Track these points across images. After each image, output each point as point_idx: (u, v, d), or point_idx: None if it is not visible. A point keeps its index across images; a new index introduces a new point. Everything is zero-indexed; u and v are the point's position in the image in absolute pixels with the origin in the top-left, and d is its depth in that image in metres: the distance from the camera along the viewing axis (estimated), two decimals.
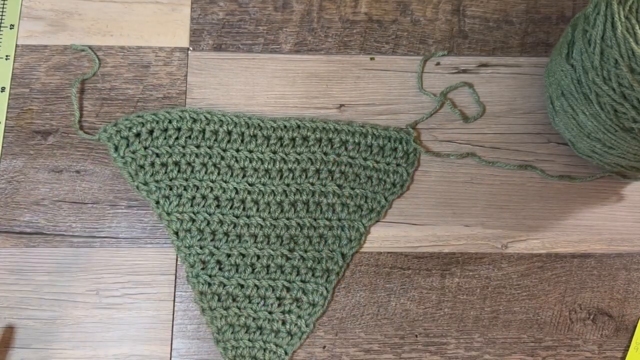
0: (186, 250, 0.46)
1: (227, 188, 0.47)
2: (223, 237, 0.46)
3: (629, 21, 0.40)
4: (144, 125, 0.47)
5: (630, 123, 0.41)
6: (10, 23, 0.51)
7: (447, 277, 0.48)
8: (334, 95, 0.50)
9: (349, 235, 0.47)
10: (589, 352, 0.47)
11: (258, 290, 0.46)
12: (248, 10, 0.52)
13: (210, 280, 0.46)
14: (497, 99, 0.51)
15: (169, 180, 0.47)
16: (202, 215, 0.46)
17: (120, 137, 0.47)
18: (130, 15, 0.51)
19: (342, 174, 0.48)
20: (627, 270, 0.48)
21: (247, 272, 0.46)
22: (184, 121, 0.47)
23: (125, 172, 0.47)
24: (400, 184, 0.48)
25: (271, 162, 0.47)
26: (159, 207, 0.46)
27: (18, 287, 0.46)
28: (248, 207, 0.47)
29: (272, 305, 0.46)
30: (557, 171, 0.50)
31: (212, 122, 0.47)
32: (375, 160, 0.48)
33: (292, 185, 0.47)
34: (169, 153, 0.47)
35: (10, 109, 0.49)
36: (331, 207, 0.47)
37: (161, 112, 0.47)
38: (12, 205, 0.47)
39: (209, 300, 0.45)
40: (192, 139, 0.47)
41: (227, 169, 0.47)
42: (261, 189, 0.47)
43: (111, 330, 0.46)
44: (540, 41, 0.52)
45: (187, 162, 0.47)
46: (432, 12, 0.53)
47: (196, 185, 0.47)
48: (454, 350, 0.46)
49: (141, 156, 0.47)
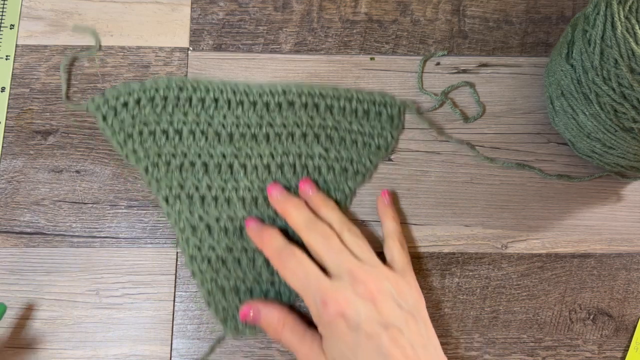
0: (176, 216, 0.47)
1: (215, 154, 0.47)
2: (212, 202, 0.47)
3: (629, 21, 0.40)
4: (131, 95, 0.47)
5: (630, 123, 0.41)
6: (10, 23, 0.51)
7: (447, 277, 0.48)
8: None
9: (335, 197, 0.48)
10: (589, 352, 0.47)
11: (247, 252, 0.46)
12: (248, 10, 0.52)
13: (199, 244, 0.46)
14: (497, 99, 0.51)
15: (158, 147, 0.47)
16: (191, 181, 0.47)
17: (107, 107, 0.47)
18: (130, 15, 0.51)
19: (328, 138, 0.48)
20: (627, 270, 0.48)
21: (236, 235, 0.46)
22: (170, 90, 0.48)
23: (114, 141, 0.47)
24: (385, 146, 0.49)
25: (258, 127, 0.48)
26: (148, 174, 0.47)
27: (18, 287, 0.46)
28: (236, 172, 0.47)
29: (260, 267, 0.46)
30: (557, 171, 0.50)
31: (199, 90, 0.48)
32: (361, 124, 0.49)
33: (278, 149, 0.48)
34: (156, 121, 0.47)
35: (10, 109, 0.49)
36: (317, 169, 0.48)
37: (148, 82, 0.48)
38: (12, 205, 0.47)
39: (199, 264, 0.46)
40: (179, 107, 0.48)
41: (215, 135, 0.48)
42: (248, 153, 0.47)
43: (111, 330, 0.46)
44: (540, 41, 0.52)
45: (174, 129, 0.47)
46: (432, 12, 0.53)
47: (184, 152, 0.47)
48: (454, 350, 0.46)
49: (129, 125, 0.47)
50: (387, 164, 0.49)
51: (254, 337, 0.46)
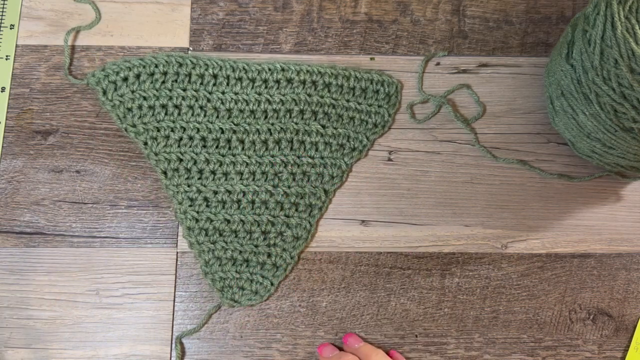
0: (174, 189, 0.47)
1: (213, 128, 0.48)
2: (210, 175, 0.47)
3: (629, 21, 0.40)
4: (131, 70, 0.48)
5: (630, 123, 0.41)
6: (10, 23, 0.51)
7: (447, 277, 0.48)
8: None
9: (332, 172, 0.48)
10: (589, 352, 0.47)
11: (244, 225, 0.47)
12: (248, 10, 0.52)
13: (197, 216, 0.47)
14: (497, 99, 0.51)
15: (157, 122, 0.48)
16: (189, 154, 0.47)
17: (108, 82, 0.48)
18: (130, 15, 0.51)
19: (325, 115, 0.49)
20: (627, 270, 0.48)
21: (233, 208, 0.47)
22: (170, 65, 0.48)
23: (114, 115, 0.48)
24: (381, 124, 0.49)
25: (256, 103, 0.48)
26: (147, 147, 0.48)
27: (18, 287, 0.46)
28: (234, 146, 0.48)
29: (257, 239, 0.47)
30: (557, 171, 0.50)
31: (198, 66, 0.48)
32: (358, 101, 0.49)
33: (276, 125, 0.48)
34: (156, 96, 0.48)
35: (10, 109, 0.49)
36: (314, 145, 0.48)
37: (148, 57, 0.48)
38: (12, 205, 0.47)
39: (197, 235, 0.47)
40: (178, 83, 0.48)
41: (213, 110, 0.48)
42: (246, 129, 0.48)
43: (111, 330, 0.46)
44: (540, 41, 0.52)
45: (174, 104, 0.48)
46: (432, 12, 0.53)
47: (183, 127, 0.48)
48: (454, 350, 0.46)
49: (129, 99, 0.48)
50: (387, 164, 0.49)
51: (249, 307, 0.46)
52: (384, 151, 0.50)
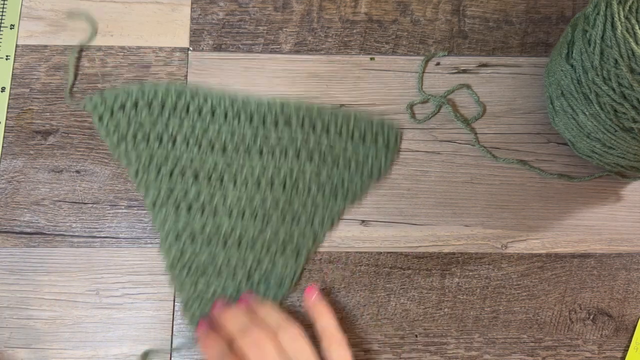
0: (161, 221, 0.47)
1: (207, 163, 0.47)
2: (198, 211, 0.47)
3: (629, 21, 0.40)
4: (129, 98, 0.47)
5: (630, 123, 0.41)
6: (11, 23, 0.51)
7: (447, 277, 0.48)
8: (334, 95, 0.50)
9: (323, 215, 0.47)
10: (589, 352, 0.47)
11: (228, 264, 0.46)
12: (248, 10, 0.52)
13: (182, 251, 0.46)
14: (497, 99, 0.51)
15: (150, 152, 0.47)
16: (180, 188, 0.47)
17: (104, 108, 0.47)
18: (130, 15, 0.51)
19: (322, 157, 0.48)
20: (627, 270, 0.48)
21: (218, 245, 0.46)
22: (169, 96, 0.48)
23: (107, 142, 0.47)
24: (378, 172, 0.48)
25: (252, 140, 0.48)
26: (138, 177, 0.47)
27: (18, 287, 0.46)
28: (226, 183, 0.47)
29: (241, 281, 0.46)
30: (557, 171, 0.50)
31: (197, 98, 0.48)
32: (356, 147, 0.48)
33: (271, 164, 0.48)
34: (151, 126, 0.47)
35: (10, 109, 0.49)
36: (307, 188, 0.48)
37: (147, 86, 0.48)
38: (12, 205, 0.47)
39: (179, 271, 0.46)
40: (175, 114, 0.48)
41: (208, 144, 0.48)
42: (240, 166, 0.47)
43: (111, 330, 0.46)
44: (540, 41, 0.52)
45: (169, 135, 0.47)
46: (432, 12, 0.53)
47: (176, 159, 0.47)
48: (454, 350, 0.46)
49: (124, 127, 0.47)
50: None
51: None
52: None
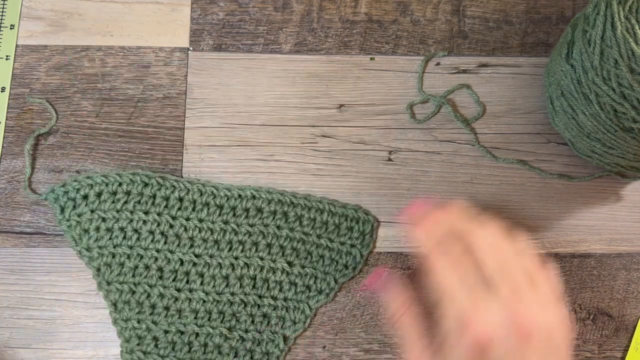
0: (123, 324, 0.44)
1: (172, 259, 0.45)
2: (162, 312, 0.44)
3: (629, 21, 0.40)
4: (93, 187, 0.45)
5: (630, 123, 0.41)
6: (11, 23, 0.51)
7: None
8: (334, 95, 0.50)
9: (294, 317, 0.45)
10: (589, 352, 0.47)
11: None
12: (248, 11, 0.52)
13: (144, 357, 0.44)
14: (497, 99, 0.51)
15: (113, 247, 0.45)
16: (143, 287, 0.45)
17: (67, 199, 0.45)
18: (130, 15, 0.51)
19: (294, 251, 0.46)
20: (627, 270, 0.48)
21: (183, 350, 0.44)
22: (134, 185, 0.46)
23: (69, 236, 0.45)
24: (352, 266, 0.47)
25: (221, 232, 0.46)
26: (100, 275, 0.45)
27: (18, 287, 0.46)
28: (192, 280, 0.45)
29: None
30: (557, 171, 0.50)
31: (164, 187, 0.46)
32: (330, 238, 0.46)
33: (240, 259, 0.45)
34: (115, 218, 0.45)
35: (10, 109, 0.49)
36: (279, 284, 0.46)
37: (112, 175, 0.46)
38: (12, 205, 0.47)
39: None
40: (141, 204, 0.45)
41: (175, 238, 0.45)
42: (207, 261, 0.45)
43: (111, 330, 0.45)
44: (540, 41, 0.52)
45: (133, 228, 0.45)
46: (432, 12, 0.53)
47: (140, 254, 0.45)
48: None
49: (87, 220, 0.45)
50: (387, 164, 0.49)
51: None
52: (384, 151, 0.50)
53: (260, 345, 0.45)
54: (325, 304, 0.46)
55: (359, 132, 0.50)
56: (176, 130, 0.49)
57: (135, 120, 0.49)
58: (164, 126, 0.49)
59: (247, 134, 0.49)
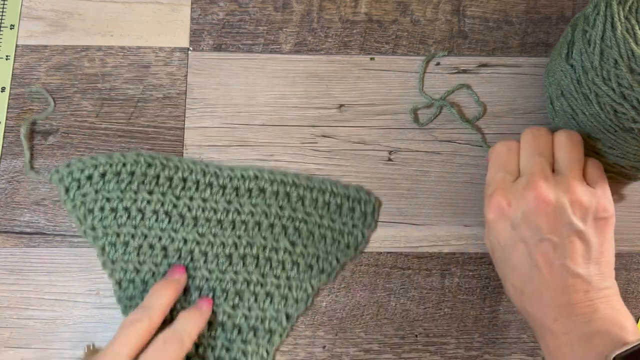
0: (127, 302, 0.44)
1: (176, 238, 0.45)
2: None
3: (629, 21, 0.40)
4: (97, 168, 0.45)
5: (630, 123, 0.41)
6: (11, 23, 0.51)
7: (447, 277, 0.48)
8: (334, 95, 0.50)
9: (296, 295, 0.46)
10: None
11: (198, 348, 0.44)
12: (248, 11, 0.52)
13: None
14: (497, 99, 0.51)
15: (117, 226, 0.45)
16: (148, 265, 0.45)
17: (71, 179, 0.45)
18: (130, 15, 0.51)
19: (296, 231, 0.46)
20: (627, 270, 0.48)
21: None
22: (138, 165, 0.46)
23: (73, 216, 0.45)
24: (355, 245, 0.47)
25: (224, 212, 0.46)
26: (104, 254, 0.45)
27: (18, 287, 0.46)
28: (196, 259, 0.45)
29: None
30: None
31: (168, 167, 0.46)
32: (332, 219, 0.47)
33: (243, 238, 0.46)
34: (119, 198, 0.45)
35: (10, 109, 0.49)
36: (281, 264, 0.46)
37: (116, 155, 0.46)
38: (12, 205, 0.47)
39: None
40: (145, 185, 0.46)
41: (179, 217, 0.46)
42: (211, 240, 0.45)
43: (111, 330, 0.45)
44: (540, 41, 0.52)
45: (137, 208, 0.45)
46: (432, 12, 0.53)
47: (144, 234, 0.45)
48: (454, 350, 0.46)
49: (91, 200, 0.45)
50: (387, 164, 0.49)
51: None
52: (384, 151, 0.50)
53: (263, 323, 0.45)
54: (326, 283, 0.47)
55: (359, 132, 0.50)
56: (176, 130, 0.49)
57: (135, 120, 0.49)
58: (164, 126, 0.49)
59: (247, 134, 0.49)
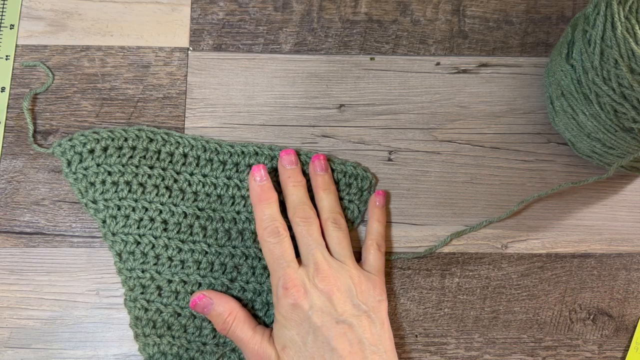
0: (127, 273, 0.45)
1: (176, 212, 0.46)
2: (166, 262, 0.45)
3: (629, 21, 0.40)
4: (99, 142, 0.46)
5: (630, 123, 0.41)
6: (10, 23, 0.51)
7: (447, 277, 0.48)
8: (334, 95, 0.50)
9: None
10: (589, 352, 0.47)
11: (194, 320, 0.45)
12: (248, 10, 0.52)
13: (147, 305, 0.44)
14: (497, 99, 0.51)
15: (118, 199, 0.45)
16: (148, 238, 0.45)
17: (74, 152, 0.46)
18: (130, 15, 0.51)
19: None
20: (627, 270, 0.48)
21: (186, 299, 0.45)
22: (139, 140, 0.46)
23: (75, 189, 0.46)
24: (351, 221, 0.47)
25: (224, 187, 0.46)
26: (105, 226, 0.45)
27: (18, 287, 0.46)
28: (195, 233, 0.46)
29: (207, 336, 0.45)
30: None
31: (169, 143, 0.47)
32: None
33: (242, 213, 0.46)
34: (121, 172, 0.46)
35: (10, 109, 0.49)
36: None
37: (118, 130, 0.46)
38: (12, 205, 0.47)
39: (144, 327, 0.44)
40: (146, 159, 0.46)
41: (179, 192, 0.46)
42: (210, 215, 0.46)
43: (111, 330, 0.46)
44: (540, 41, 0.52)
45: (138, 182, 0.46)
46: (432, 12, 0.53)
47: (145, 207, 0.45)
48: (454, 350, 0.46)
49: (93, 173, 0.46)
50: (387, 164, 0.49)
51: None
52: (384, 151, 0.50)
53: (260, 296, 0.45)
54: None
55: (359, 132, 0.50)
56: (176, 130, 0.49)
57: (135, 120, 0.49)
58: (164, 126, 0.49)
59: (247, 134, 0.49)
